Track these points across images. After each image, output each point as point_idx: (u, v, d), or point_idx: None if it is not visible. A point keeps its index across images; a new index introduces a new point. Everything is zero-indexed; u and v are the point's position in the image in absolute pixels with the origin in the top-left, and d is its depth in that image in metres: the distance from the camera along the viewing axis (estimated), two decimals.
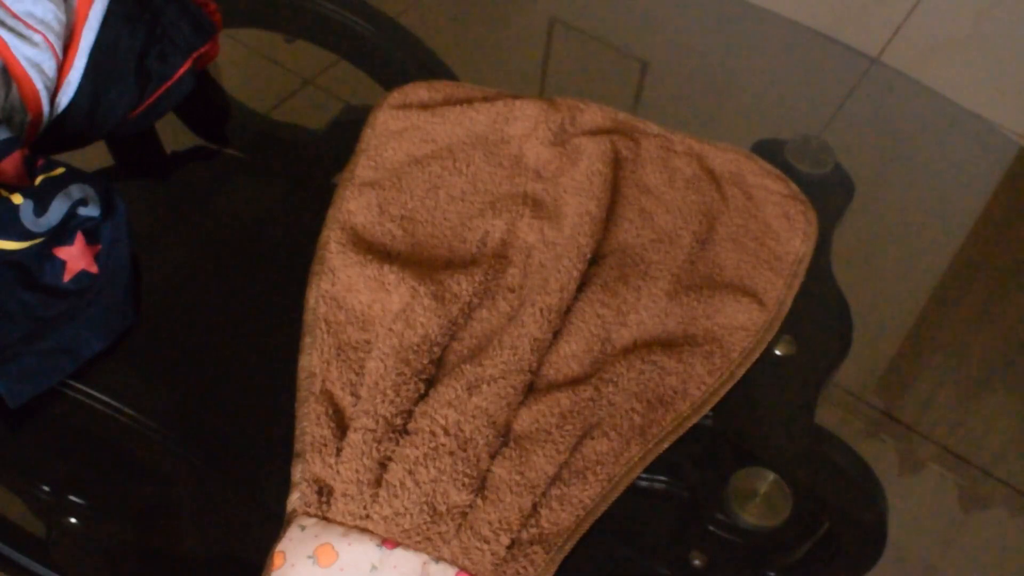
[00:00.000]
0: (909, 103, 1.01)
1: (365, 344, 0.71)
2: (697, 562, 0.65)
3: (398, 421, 0.66)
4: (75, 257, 0.70)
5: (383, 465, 0.65)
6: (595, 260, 0.77)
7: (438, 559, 0.61)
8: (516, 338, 0.70)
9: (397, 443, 0.66)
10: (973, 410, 0.78)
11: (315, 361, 0.70)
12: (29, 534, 0.65)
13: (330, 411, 0.67)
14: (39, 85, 0.75)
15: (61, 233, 0.69)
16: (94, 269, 0.70)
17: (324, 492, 0.64)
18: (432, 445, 0.65)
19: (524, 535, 0.63)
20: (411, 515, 0.62)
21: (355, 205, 0.79)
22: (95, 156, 0.83)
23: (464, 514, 0.63)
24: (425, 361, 0.69)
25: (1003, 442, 0.77)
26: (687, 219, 0.80)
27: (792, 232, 0.81)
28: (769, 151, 0.88)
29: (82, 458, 0.67)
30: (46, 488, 0.66)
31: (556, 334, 0.72)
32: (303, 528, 0.62)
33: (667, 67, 1.01)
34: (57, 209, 0.68)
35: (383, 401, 0.67)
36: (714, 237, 0.80)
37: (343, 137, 0.86)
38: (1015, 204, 0.93)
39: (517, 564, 0.62)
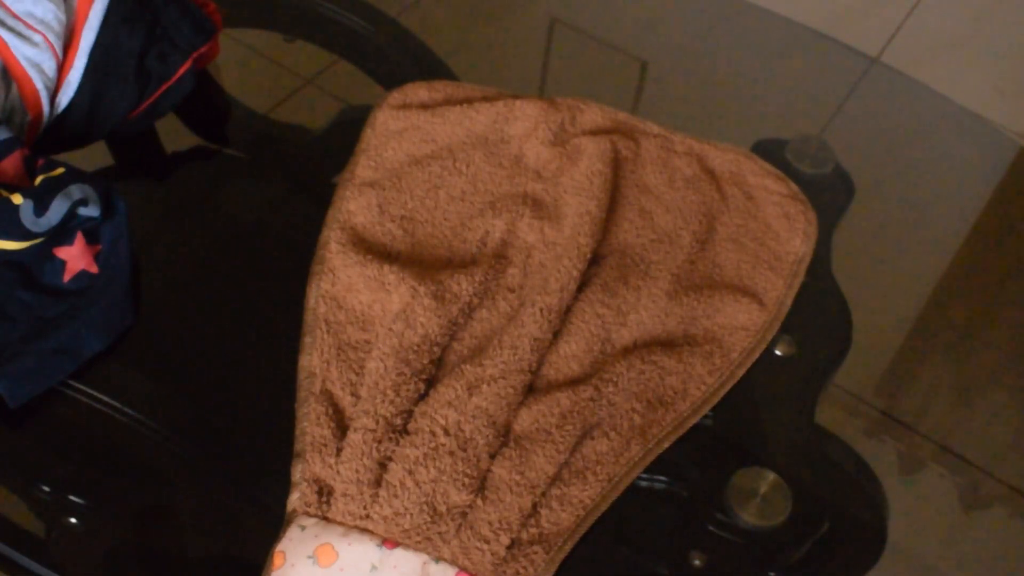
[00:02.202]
0: (909, 103, 1.01)
1: (365, 344, 0.71)
2: (697, 562, 0.65)
3: (398, 421, 0.66)
4: (75, 257, 0.70)
5: (383, 465, 0.65)
6: (595, 260, 0.77)
7: (438, 559, 0.61)
8: (516, 338, 0.70)
9: (397, 443, 0.66)
10: (973, 410, 0.78)
11: (315, 361, 0.70)
12: (29, 534, 0.65)
13: (330, 411, 0.67)
14: (39, 85, 0.75)
15: (61, 233, 0.69)
16: (94, 269, 0.70)
17: (324, 492, 0.64)
18: (432, 445, 0.65)
19: (524, 535, 0.63)
20: (411, 515, 0.62)
21: (355, 205, 0.79)
22: (95, 156, 0.83)
23: (464, 514, 0.63)
24: (425, 361, 0.69)
25: (1003, 442, 0.77)
26: (687, 219, 0.80)
27: (792, 232, 0.81)
28: (769, 151, 0.88)
29: (82, 458, 0.67)
30: (46, 488, 0.66)
31: (556, 334, 0.72)
32: (303, 528, 0.62)
33: (667, 67, 1.01)
34: (57, 209, 0.68)
35: (383, 401, 0.67)
36: (714, 237, 0.80)
37: (343, 137, 0.86)
38: (1015, 204, 0.93)
39: (517, 564, 0.62)
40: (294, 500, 0.64)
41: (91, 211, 0.70)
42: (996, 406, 0.79)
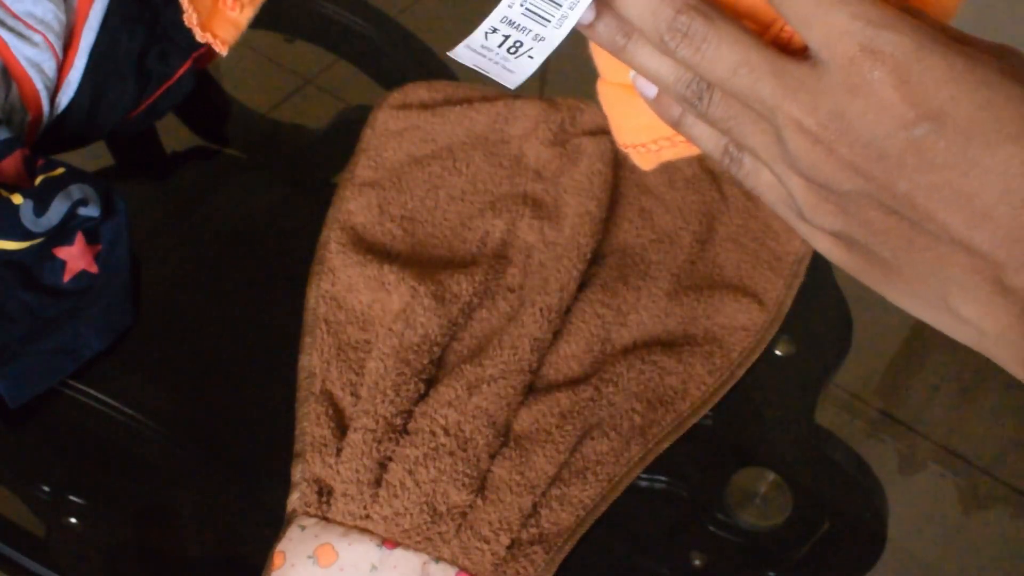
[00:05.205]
0: None
1: (365, 344, 0.71)
2: (697, 562, 0.65)
3: (398, 421, 0.66)
4: (75, 257, 0.70)
5: (383, 465, 0.65)
6: (595, 260, 0.77)
7: (438, 559, 0.61)
8: (516, 338, 0.70)
9: (397, 443, 0.66)
10: (973, 410, 0.78)
11: (315, 361, 0.70)
12: (29, 534, 0.65)
13: (330, 411, 0.67)
14: (39, 85, 0.75)
15: (61, 233, 0.69)
16: (94, 269, 0.70)
17: (324, 492, 0.64)
18: (432, 445, 0.65)
19: (524, 535, 0.63)
20: (411, 515, 0.62)
21: (355, 205, 0.79)
22: (95, 156, 0.83)
23: (464, 514, 0.63)
24: (425, 361, 0.69)
25: (1003, 442, 0.77)
26: (687, 219, 0.80)
27: (792, 232, 0.81)
28: None
29: (82, 458, 0.67)
30: (46, 488, 0.66)
31: (556, 334, 0.72)
32: (303, 528, 0.62)
33: None
34: (57, 209, 0.68)
35: (383, 401, 0.67)
36: (714, 237, 0.80)
37: (343, 137, 0.86)
38: None
39: (517, 564, 0.62)
40: (294, 500, 0.64)
41: (91, 211, 0.70)
42: (996, 406, 0.79)
